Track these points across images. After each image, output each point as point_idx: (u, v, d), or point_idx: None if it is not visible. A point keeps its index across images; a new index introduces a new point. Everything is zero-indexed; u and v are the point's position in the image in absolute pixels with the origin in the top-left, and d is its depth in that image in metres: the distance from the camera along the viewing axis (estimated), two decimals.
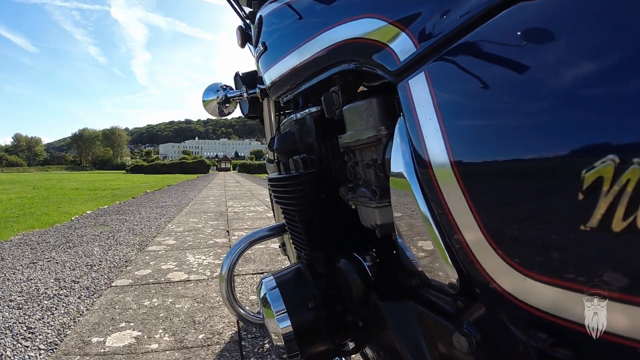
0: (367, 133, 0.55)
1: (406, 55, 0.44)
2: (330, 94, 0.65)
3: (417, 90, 0.41)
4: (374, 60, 0.50)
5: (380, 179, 0.56)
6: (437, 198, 0.39)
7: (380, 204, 0.55)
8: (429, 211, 0.42)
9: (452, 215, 0.37)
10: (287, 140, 0.80)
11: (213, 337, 1.74)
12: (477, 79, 0.34)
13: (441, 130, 0.37)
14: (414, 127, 0.41)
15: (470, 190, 0.35)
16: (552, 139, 0.28)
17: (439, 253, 0.42)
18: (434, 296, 0.54)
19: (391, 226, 0.56)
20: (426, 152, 0.39)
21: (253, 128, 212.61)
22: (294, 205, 0.74)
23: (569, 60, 0.27)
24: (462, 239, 0.37)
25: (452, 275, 0.42)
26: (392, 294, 0.62)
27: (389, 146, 0.51)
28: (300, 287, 0.77)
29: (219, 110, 1.47)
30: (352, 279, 0.67)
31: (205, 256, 3.19)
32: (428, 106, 0.39)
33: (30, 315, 2.00)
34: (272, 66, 0.83)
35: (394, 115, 0.54)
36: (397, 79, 0.46)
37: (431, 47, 0.40)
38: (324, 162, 0.73)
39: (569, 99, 0.27)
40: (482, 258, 0.36)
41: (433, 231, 0.42)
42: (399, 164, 0.45)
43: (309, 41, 0.65)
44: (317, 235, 0.75)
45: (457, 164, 0.36)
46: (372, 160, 0.56)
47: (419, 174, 0.42)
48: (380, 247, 0.68)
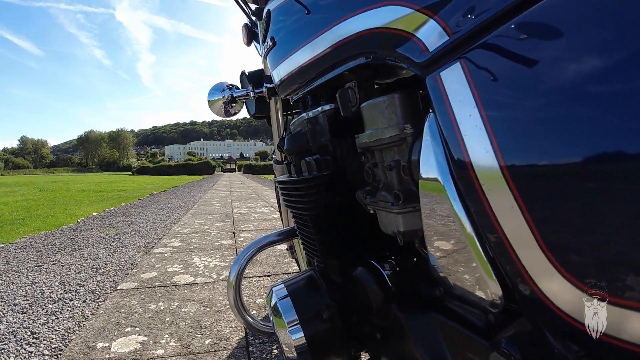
0: (390, 132, 0.50)
1: (436, 44, 0.39)
2: (346, 90, 0.60)
3: (451, 82, 0.37)
4: (398, 51, 0.45)
5: (404, 182, 0.51)
6: (479, 204, 0.34)
7: (404, 210, 0.50)
8: (469, 219, 0.37)
9: (500, 225, 0.32)
10: (299, 140, 0.75)
11: (220, 343, 1.70)
12: (528, 68, 0.30)
13: (485, 128, 0.32)
14: (449, 124, 0.37)
15: (524, 196, 0.30)
16: (625, 138, 0.23)
17: (480, 266, 0.38)
18: (464, 309, 0.50)
19: (415, 233, 0.51)
20: (466, 153, 0.35)
21: (258, 129, 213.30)
22: (306, 209, 0.69)
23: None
24: (512, 251, 0.32)
25: (496, 290, 0.37)
26: (415, 306, 0.57)
27: (416, 146, 0.47)
28: (313, 297, 0.73)
29: (224, 111, 1.43)
30: (370, 289, 0.62)
31: (212, 258, 3.16)
32: (467, 100, 0.34)
33: (35, 319, 1.97)
34: (282, 62, 0.79)
35: (420, 111, 0.49)
36: (426, 71, 0.41)
37: (467, 34, 0.35)
38: (338, 164, 0.68)
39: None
40: (537, 274, 0.31)
41: (473, 241, 0.37)
42: (430, 166, 0.40)
43: (322, 33, 0.61)
44: (331, 242, 0.70)
45: (508, 167, 0.31)
46: (395, 161, 0.51)
47: (455, 177, 0.37)
48: (399, 254, 0.64)
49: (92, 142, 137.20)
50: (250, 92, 1.35)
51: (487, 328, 0.45)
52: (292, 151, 0.79)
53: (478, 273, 0.39)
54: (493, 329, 0.44)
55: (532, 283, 0.32)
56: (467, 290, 0.42)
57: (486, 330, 0.45)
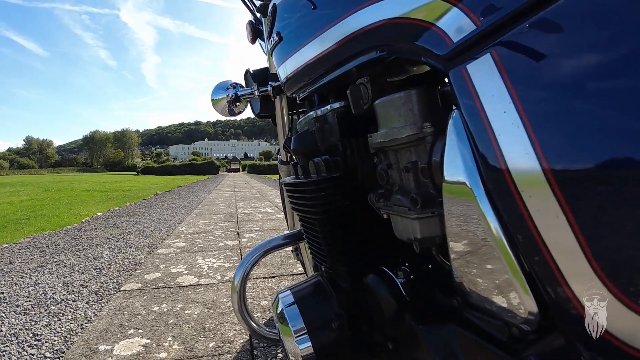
0: (407, 131, 0.46)
1: (461, 35, 0.36)
2: (358, 87, 0.56)
3: (480, 76, 0.33)
4: (417, 43, 0.42)
5: (422, 185, 0.48)
6: (516, 212, 0.30)
7: (422, 215, 0.46)
8: (502, 228, 0.33)
9: (541, 236, 0.29)
10: (306, 140, 0.71)
11: (224, 346, 1.67)
12: (573, 58, 0.26)
13: (524, 126, 0.29)
14: (479, 122, 0.33)
15: (573, 205, 0.26)
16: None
17: (513, 278, 0.34)
18: (486, 322, 0.46)
19: (433, 240, 0.48)
20: (500, 154, 0.31)
21: (262, 129, 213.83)
22: (314, 213, 0.66)
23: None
24: (554, 266, 0.29)
25: (530, 306, 0.34)
26: (432, 316, 0.54)
27: (438, 146, 0.43)
28: (321, 305, 0.69)
29: (228, 110, 1.40)
30: (383, 297, 0.58)
31: (216, 259, 3.13)
32: (500, 96, 0.31)
33: (37, 321, 1.95)
34: (288, 58, 0.75)
35: (439, 108, 0.46)
36: (448, 65, 0.38)
37: (499, 21, 0.32)
38: (349, 165, 0.64)
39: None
40: (582, 292, 0.27)
41: (506, 252, 0.33)
42: (456, 168, 0.37)
43: (332, 26, 0.57)
44: (341, 247, 0.66)
45: (554, 171, 0.27)
46: (412, 163, 0.48)
47: (486, 181, 0.33)
48: (413, 262, 0.60)
49: (97, 142, 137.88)
50: (255, 90, 1.32)
51: (511, 342, 0.42)
52: (300, 151, 0.75)
53: (510, 286, 0.35)
54: (518, 344, 0.41)
55: (576, 300, 0.28)
56: (494, 303, 0.39)
57: (510, 345, 0.42)
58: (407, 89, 0.47)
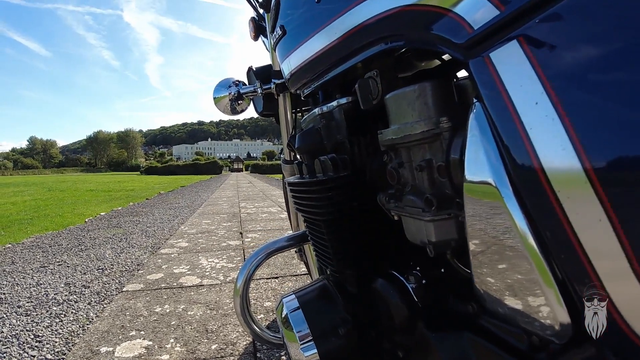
0: (421, 126, 0.43)
1: (483, 20, 0.32)
2: (367, 81, 0.53)
3: (506, 65, 0.30)
4: (432, 32, 0.39)
5: (437, 185, 0.44)
6: (551, 215, 0.27)
7: (437, 217, 0.43)
8: (533, 231, 0.30)
9: (580, 242, 0.26)
10: (312, 137, 0.68)
11: (227, 348, 1.65)
12: (616, 42, 0.23)
13: (561, 119, 0.25)
14: (506, 115, 0.30)
15: (618, 208, 0.23)
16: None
17: (544, 286, 0.31)
18: (502, 329, 0.43)
19: (448, 244, 0.44)
20: (532, 150, 0.28)
21: (265, 129, 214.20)
22: (320, 214, 0.62)
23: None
24: (592, 272, 0.26)
25: (562, 316, 0.31)
26: (445, 323, 0.51)
27: (456, 142, 0.40)
28: (327, 310, 0.66)
29: (231, 108, 1.37)
30: (393, 303, 0.55)
31: (219, 259, 3.11)
32: (531, 86, 0.27)
33: (38, 322, 1.93)
34: (293, 52, 0.71)
35: (455, 102, 0.42)
36: (469, 54, 0.35)
37: (527, 5, 0.29)
38: (357, 164, 0.61)
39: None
40: (625, 304, 0.24)
41: (537, 257, 0.30)
42: (480, 166, 0.33)
43: (340, 16, 0.54)
44: (348, 249, 0.63)
45: (597, 170, 0.24)
46: (426, 161, 0.44)
47: (515, 180, 0.30)
48: (425, 266, 0.57)
49: (101, 142, 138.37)
50: (258, 88, 1.29)
51: (531, 352, 0.39)
52: (305, 150, 0.72)
53: (539, 294, 0.32)
54: (538, 354, 0.38)
55: (616, 312, 0.25)
56: (517, 310, 0.36)
57: (530, 354, 0.39)
58: (421, 81, 0.44)
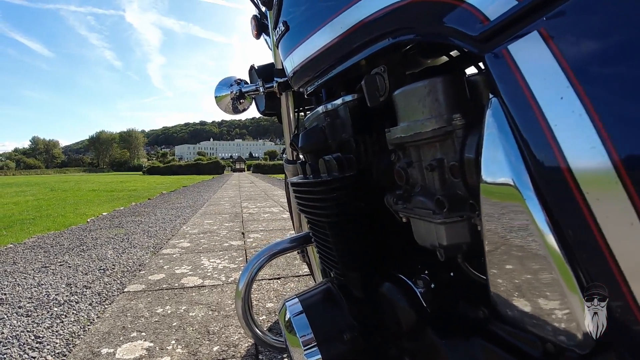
0: (432, 124, 0.41)
1: (501, 11, 0.30)
2: (373, 77, 0.51)
3: (526, 58, 0.28)
4: (444, 24, 0.37)
5: (449, 185, 0.42)
6: (578, 217, 0.25)
7: (448, 219, 0.41)
8: (557, 235, 0.28)
9: (610, 247, 0.24)
10: (316, 136, 0.66)
11: (228, 350, 1.63)
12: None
13: (589, 114, 0.23)
14: (527, 110, 0.28)
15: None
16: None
17: (568, 292, 0.29)
18: (514, 336, 0.41)
19: (460, 247, 0.42)
20: (557, 148, 0.26)
21: (267, 129, 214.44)
22: (325, 215, 0.60)
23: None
24: (621, 280, 0.24)
25: (587, 324, 0.29)
26: (455, 329, 0.49)
27: (471, 140, 0.38)
28: (332, 314, 0.64)
29: (232, 107, 1.35)
30: (401, 308, 0.53)
31: (220, 260, 3.09)
32: (555, 79, 0.25)
33: (39, 323, 1.92)
34: (296, 48, 0.69)
35: (467, 98, 0.40)
36: (484, 47, 0.33)
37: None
38: (363, 163, 0.59)
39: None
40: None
41: (561, 263, 0.28)
42: (498, 166, 0.31)
43: (346, 9, 0.52)
44: (353, 252, 0.61)
45: (628, 168, 0.22)
46: (437, 160, 0.42)
47: (538, 180, 0.28)
48: (434, 269, 0.54)
49: (103, 142, 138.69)
50: (260, 87, 1.27)
51: (545, 359, 0.37)
52: (309, 149, 0.70)
53: (562, 301, 0.30)
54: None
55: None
56: (535, 317, 0.34)
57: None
58: (432, 76, 0.42)
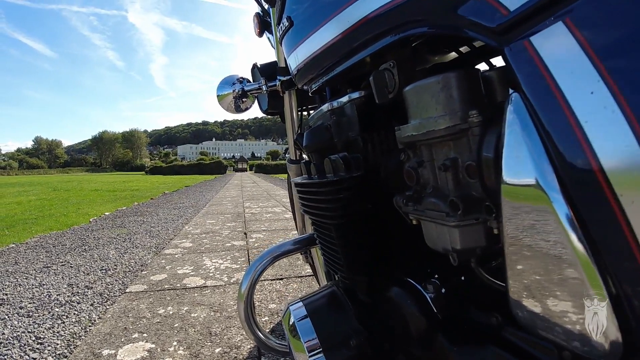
0: (446, 121, 0.39)
1: (521, 1, 0.28)
2: (382, 73, 0.49)
3: (552, 50, 0.26)
4: (460, 15, 0.34)
5: (464, 186, 0.40)
6: (610, 220, 0.23)
7: (463, 222, 0.39)
8: (586, 239, 0.26)
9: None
10: (321, 135, 0.64)
11: (230, 352, 1.61)
12: None
13: (622, 110, 0.21)
14: (553, 106, 0.26)
15: None
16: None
17: (596, 303, 0.27)
18: (529, 343, 0.39)
19: (474, 251, 0.40)
20: (587, 146, 0.24)
21: (269, 129, 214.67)
22: (330, 217, 0.58)
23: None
24: None
25: (615, 336, 0.26)
26: (468, 337, 0.47)
27: (489, 139, 0.36)
28: (337, 319, 0.62)
29: (235, 106, 1.33)
30: (410, 313, 0.51)
31: (223, 260, 3.08)
32: (584, 73, 0.23)
33: (40, 324, 1.91)
34: (301, 44, 0.67)
35: (482, 94, 0.38)
36: (504, 39, 0.30)
37: None
38: (370, 163, 0.57)
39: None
40: None
41: (591, 270, 0.26)
42: (522, 166, 0.29)
43: (352, 4, 0.49)
44: (360, 255, 0.59)
45: None
46: (451, 159, 0.40)
47: (565, 181, 0.26)
48: (444, 273, 0.52)
49: (106, 142, 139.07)
50: (263, 85, 1.25)
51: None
52: (314, 148, 0.68)
53: (590, 310, 0.28)
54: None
55: None
56: (556, 324, 0.32)
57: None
58: (446, 71, 0.40)
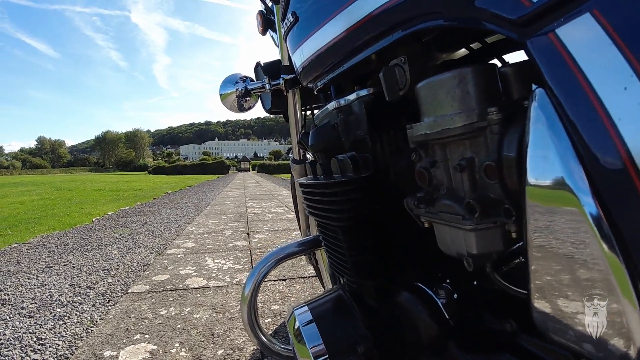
0: (462, 119, 0.37)
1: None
2: (392, 69, 0.47)
3: (580, 43, 0.24)
4: (478, 7, 0.32)
5: (481, 187, 0.38)
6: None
7: (480, 226, 0.37)
8: (618, 245, 0.24)
9: None
10: (328, 134, 0.62)
11: (233, 354, 1.60)
12: None
13: None
14: (584, 104, 0.24)
15: None
16: None
17: (628, 310, 0.25)
18: (544, 350, 0.38)
19: (490, 256, 0.38)
20: (622, 146, 0.22)
21: (272, 129, 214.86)
22: (337, 219, 0.56)
23: None
24: None
25: None
26: (480, 343, 0.45)
27: (511, 137, 0.34)
28: (344, 324, 0.60)
29: (238, 105, 1.31)
30: (420, 319, 0.49)
31: (225, 260, 3.06)
32: (617, 67, 0.22)
33: (42, 324, 1.90)
34: (306, 40, 0.64)
35: (500, 91, 0.36)
36: (526, 32, 0.28)
37: None
38: (380, 163, 0.55)
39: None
40: None
41: (623, 276, 0.24)
42: (550, 166, 0.27)
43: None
44: (367, 258, 0.57)
45: None
46: (467, 159, 0.38)
47: (598, 183, 0.24)
48: (457, 278, 0.50)
49: (109, 142, 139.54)
50: (266, 84, 1.23)
51: None
52: (320, 147, 0.65)
53: (619, 318, 0.26)
54: None
55: None
56: (579, 331, 0.30)
57: None
58: (461, 67, 0.38)
